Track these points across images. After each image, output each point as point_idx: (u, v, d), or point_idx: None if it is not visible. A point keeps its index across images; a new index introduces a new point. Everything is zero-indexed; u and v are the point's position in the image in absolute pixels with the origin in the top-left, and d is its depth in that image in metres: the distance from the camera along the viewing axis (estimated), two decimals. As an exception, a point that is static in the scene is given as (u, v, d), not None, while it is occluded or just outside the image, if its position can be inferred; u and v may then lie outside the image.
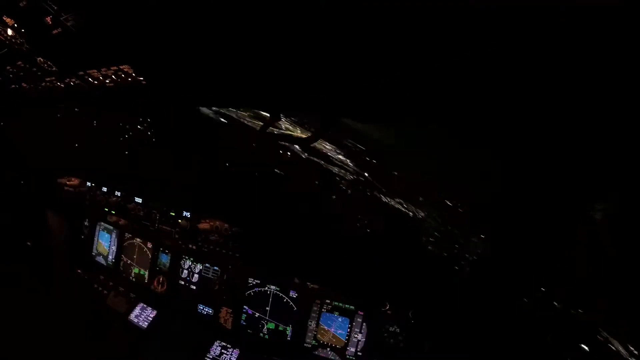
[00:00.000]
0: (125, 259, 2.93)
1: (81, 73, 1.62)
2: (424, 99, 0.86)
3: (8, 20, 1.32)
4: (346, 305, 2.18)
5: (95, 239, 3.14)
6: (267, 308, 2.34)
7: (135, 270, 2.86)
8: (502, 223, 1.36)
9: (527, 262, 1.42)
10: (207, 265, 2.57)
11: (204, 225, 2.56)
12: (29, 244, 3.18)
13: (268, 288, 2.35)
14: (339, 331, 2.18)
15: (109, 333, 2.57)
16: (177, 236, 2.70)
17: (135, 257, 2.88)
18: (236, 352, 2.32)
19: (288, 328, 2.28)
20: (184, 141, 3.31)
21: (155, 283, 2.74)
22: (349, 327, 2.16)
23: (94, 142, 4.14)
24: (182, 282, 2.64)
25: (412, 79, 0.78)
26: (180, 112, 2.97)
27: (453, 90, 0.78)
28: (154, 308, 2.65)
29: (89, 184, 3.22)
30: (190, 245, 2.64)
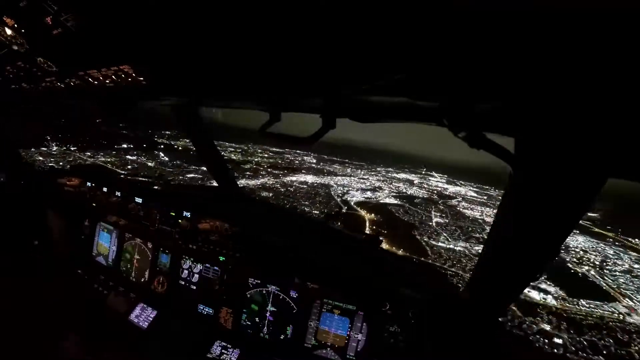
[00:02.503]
0: (125, 259, 2.93)
1: (81, 73, 1.61)
2: (425, 98, 0.86)
3: (8, 20, 1.32)
4: (346, 305, 2.18)
5: (95, 239, 3.14)
6: (267, 308, 2.35)
7: (135, 270, 2.86)
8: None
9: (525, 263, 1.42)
10: (207, 265, 2.57)
11: (204, 225, 2.56)
12: (36, 242, 3.19)
13: (269, 288, 2.35)
14: (339, 331, 2.18)
15: (109, 333, 2.57)
16: (177, 236, 2.70)
17: (135, 257, 2.88)
18: (236, 352, 2.32)
19: (288, 328, 2.28)
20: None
21: (155, 283, 2.74)
22: (349, 327, 2.16)
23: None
24: (182, 282, 2.64)
25: (413, 77, 0.78)
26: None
27: (454, 90, 0.78)
28: (154, 308, 2.65)
29: (89, 184, 3.22)
30: (190, 245, 2.64)
